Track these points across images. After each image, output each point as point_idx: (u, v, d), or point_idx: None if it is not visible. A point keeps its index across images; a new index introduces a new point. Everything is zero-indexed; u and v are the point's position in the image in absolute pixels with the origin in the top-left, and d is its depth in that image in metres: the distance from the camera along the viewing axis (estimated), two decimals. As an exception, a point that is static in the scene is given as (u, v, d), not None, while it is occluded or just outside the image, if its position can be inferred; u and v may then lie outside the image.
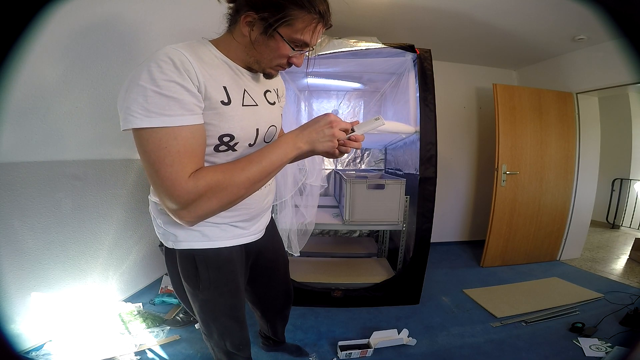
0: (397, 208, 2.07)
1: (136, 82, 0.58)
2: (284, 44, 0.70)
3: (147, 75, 0.58)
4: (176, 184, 0.59)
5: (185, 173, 0.60)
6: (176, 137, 0.60)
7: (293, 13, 0.66)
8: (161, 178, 0.60)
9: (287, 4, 0.65)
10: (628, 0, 0.56)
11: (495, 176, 2.78)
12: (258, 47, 0.71)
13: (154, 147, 0.59)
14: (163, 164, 0.59)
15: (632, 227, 4.35)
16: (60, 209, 1.57)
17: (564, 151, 2.93)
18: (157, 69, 0.59)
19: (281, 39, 0.68)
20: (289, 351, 1.58)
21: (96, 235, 1.80)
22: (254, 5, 0.66)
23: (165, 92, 0.59)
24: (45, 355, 1.44)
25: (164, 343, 1.61)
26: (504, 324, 1.88)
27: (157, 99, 0.58)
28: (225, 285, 0.83)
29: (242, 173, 0.65)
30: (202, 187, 0.61)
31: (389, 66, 2.26)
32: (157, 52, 0.62)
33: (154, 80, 0.58)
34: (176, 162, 0.59)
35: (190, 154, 0.62)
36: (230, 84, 0.72)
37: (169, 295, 2.08)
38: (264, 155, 0.68)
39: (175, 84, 0.60)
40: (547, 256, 3.04)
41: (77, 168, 1.64)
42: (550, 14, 2.24)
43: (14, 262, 1.36)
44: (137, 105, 0.57)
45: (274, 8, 0.65)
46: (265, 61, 0.74)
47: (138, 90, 0.58)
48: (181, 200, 0.60)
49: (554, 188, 2.93)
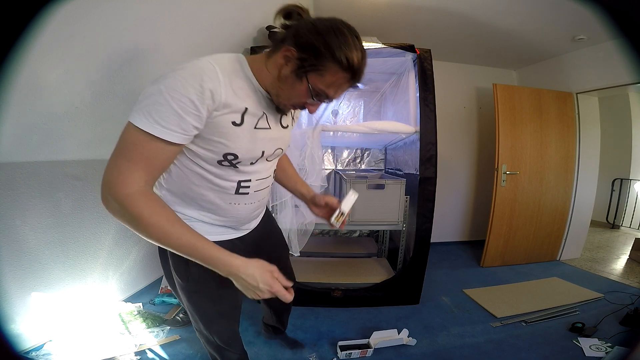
0: (397, 208, 2.07)
1: (161, 82, 0.62)
2: (307, 90, 0.71)
3: (172, 81, 0.62)
4: (120, 179, 0.61)
5: (135, 177, 0.62)
6: (152, 146, 0.62)
7: (328, 65, 0.68)
8: (116, 166, 0.62)
9: (327, 56, 0.67)
10: (628, 0, 0.56)
11: (495, 176, 2.78)
12: (283, 83, 0.72)
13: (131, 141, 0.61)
14: (125, 157, 0.62)
15: (632, 227, 4.35)
16: (60, 209, 1.56)
17: (564, 151, 2.93)
18: (183, 79, 0.62)
19: (307, 84, 0.70)
20: (287, 342, 1.61)
21: (96, 235, 1.80)
22: (298, 43, 0.68)
23: (174, 105, 0.61)
24: (45, 355, 1.44)
25: (164, 343, 1.61)
26: (504, 324, 1.88)
27: (163, 108, 0.61)
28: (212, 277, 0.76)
29: (161, 231, 0.65)
30: (128, 203, 0.62)
31: (389, 66, 2.26)
32: (201, 61, 0.65)
33: (174, 89, 0.61)
34: (135, 163, 0.62)
35: (151, 165, 0.63)
36: (251, 107, 0.74)
37: (169, 295, 2.08)
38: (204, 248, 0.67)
39: (189, 100, 0.62)
40: (547, 256, 3.04)
41: (77, 168, 1.63)
42: (550, 14, 2.24)
43: (14, 262, 1.36)
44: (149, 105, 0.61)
45: (314, 53, 0.67)
46: (283, 98, 0.75)
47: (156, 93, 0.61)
48: (111, 190, 0.62)
49: (554, 188, 2.93)
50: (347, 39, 0.67)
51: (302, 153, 2.04)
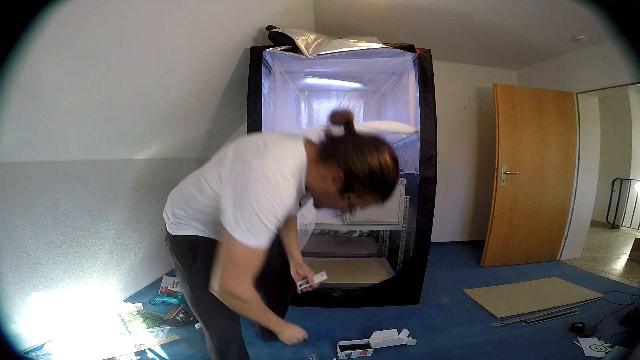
0: (397, 208, 2.07)
1: (256, 207, 0.74)
2: (345, 204, 0.83)
3: (262, 200, 0.74)
4: (238, 283, 0.79)
5: (249, 282, 0.80)
6: (256, 258, 0.78)
7: (370, 194, 0.80)
8: (233, 272, 0.79)
9: (374, 188, 0.79)
10: (628, 0, 0.56)
11: (495, 176, 2.78)
12: (326, 195, 0.84)
13: (240, 256, 0.77)
14: (240, 268, 0.78)
15: (632, 227, 4.35)
16: (60, 209, 1.56)
17: (564, 151, 2.93)
18: (271, 200, 0.74)
19: (347, 200, 0.82)
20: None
21: (96, 235, 1.80)
22: (348, 171, 0.77)
23: (266, 221, 0.75)
24: (45, 355, 1.44)
25: (164, 343, 1.61)
26: (504, 324, 1.88)
27: (258, 224, 0.74)
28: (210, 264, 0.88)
29: (258, 314, 0.89)
30: (249, 302, 0.83)
31: (389, 66, 2.26)
32: (284, 176, 0.76)
33: (266, 209, 0.74)
34: (246, 272, 0.79)
35: (255, 270, 0.80)
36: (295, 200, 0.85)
37: (169, 295, 2.08)
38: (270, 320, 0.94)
39: (275, 218, 0.76)
40: (547, 256, 3.04)
41: (77, 168, 1.64)
42: (550, 14, 2.24)
43: (14, 262, 1.36)
44: (247, 225, 0.74)
45: (363, 185, 0.78)
46: (324, 204, 0.89)
47: (249, 209, 0.74)
48: (238, 296, 0.81)
49: (554, 188, 2.93)
50: (391, 175, 0.79)
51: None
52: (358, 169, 0.76)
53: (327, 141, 0.84)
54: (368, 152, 0.77)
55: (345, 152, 0.78)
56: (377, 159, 0.77)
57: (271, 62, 2.09)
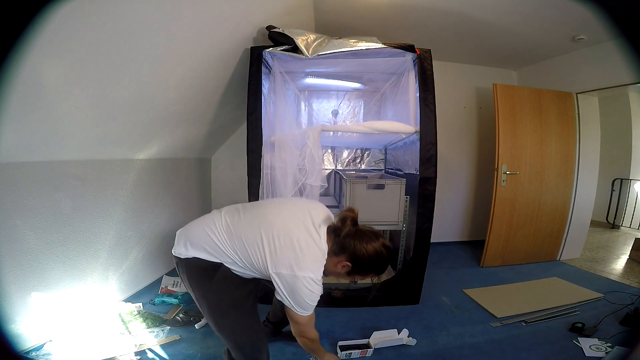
0: (397, 208, 2.07)
1: (302, 296, 1.06)
2: (352, 280, 1.20)
3: (307, 295, 1.07)
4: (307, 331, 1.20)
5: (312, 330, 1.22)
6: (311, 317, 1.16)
7: (370, 274, 1.17)
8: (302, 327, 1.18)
9: (372, 269, 1.15)
10: (628, 0, 0.56)
11: (495, 176, 2.78)
12: (337, 274, 1.17)
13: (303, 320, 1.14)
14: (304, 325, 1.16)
15: (632, 227, 4.35)
16: (60, 209, 1.56)
17: (564, 151, 2.93)
18: (313, 294, 1.08)
19: (353, 278, 1.19)
20: (287, 338, 1.62)
21: (96, 235, 1.80)
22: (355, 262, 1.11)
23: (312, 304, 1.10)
24: (45, 355, 1.44)
25: (164, 343, 1.61)
26: (504, 324, 1.88)
27: (308, 306, 1.10)
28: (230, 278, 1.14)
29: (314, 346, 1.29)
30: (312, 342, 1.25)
31: (389, 66, 2.26)
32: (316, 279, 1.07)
33: (310, 299, 1.09)
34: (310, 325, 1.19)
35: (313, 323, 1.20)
36: None
37: (169, 295, 2.08)
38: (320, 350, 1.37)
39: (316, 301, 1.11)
40: (547, 256, 3.04)
41: (77, 168, 1.64)
42: (550, 13, 2.24)
43: (14, 262, 1.36)
44: (299, 306, 1.09)
45: (365, 270, 1.15)
46: (333, 276, 1.19)
47: (301, 301, 1.08)
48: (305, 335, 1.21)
49: (554, 188, 2.93)
50: (384, 260, 1.13)
51: (302, 153, 2.04)
52: (361, 259, 1.10)
53: (340, 238, 1.11)
54: (368, 244, 1.09)
55: (353, 246, 1.09)
56: (375, 249, 1.10)
57: (271, 62, 2.09)
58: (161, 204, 2.34)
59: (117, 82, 1.44)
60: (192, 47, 1.72)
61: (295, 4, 2.23)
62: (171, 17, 1.43)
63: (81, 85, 1.31)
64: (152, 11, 1.30)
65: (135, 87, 1.56)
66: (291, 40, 1.92)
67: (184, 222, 1.25)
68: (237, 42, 2.04)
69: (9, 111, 1.07)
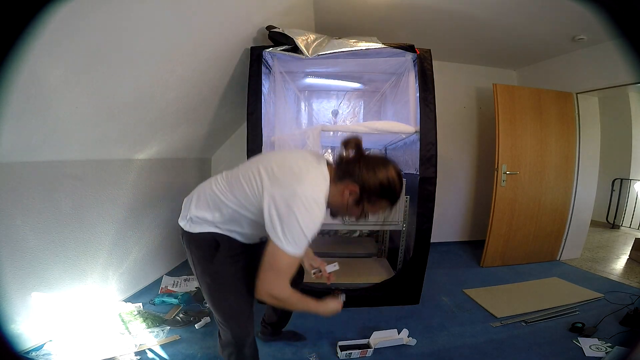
0: (397, 208, 2.07)
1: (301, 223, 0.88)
2: (361, 211, 1.01)
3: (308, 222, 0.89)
4: (284, 290, 0.96)
5: (286, 283, 0.96)
6: (295, 264, 0.94)
7: (382, 202, 0.99)
8: (278, 281, 0.94)
9: (384, 197, 0.98)
10: (628, 0, 0.56)
11: (495, 176, 2.78)
12: (344, 206, 1.00)
13: (285, 265, 0.91)
14: (284, 276, 0.94)
15: (632, 227, 4.35)
16: (60, 209, 1.56)
17: (564, 151, 2.93)
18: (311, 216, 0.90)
19: (362, 208, 1.00)
20: (287, 338, 1.64)
21: (96, 235, 1.80)
22: (362, 185, 0.96)
23: (307, 234, 0.90)
24: (45, 355, 1.44)
25: (164, 343, 1.61)
26: (504, 324, 1.88)
27: (301, 238, 0.89)
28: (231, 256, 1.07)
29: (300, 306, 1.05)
30: (289, 299, 0.99)
31: (389, 66, 2.26)
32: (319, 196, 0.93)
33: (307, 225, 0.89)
34: (287, 276, 0.94)
35: (293, 273, 0.95)
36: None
37: (169, 295, 2.08)
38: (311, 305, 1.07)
39: (312, 233, 0.91)
40: (547, 256, 3.04)
41: (77, 168, 1.64)
42: (550, 14, 2.24)
43: (14, 262, 1.36)
44: (292, 238, 0.89)
45: (375, 195, 0.97)
46: (341, 213, 1.05)
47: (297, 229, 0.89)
48: (277, 296, 0.96)
49: (554, 188, 2.93)
50: (398, 189, 0.99)
51: (302, 153, 2.03)
52: (370, 183, 0.95)
53: (343, 163, 1.01)
54: (377, 169, 0.96)
55: (359, 170, 0.96)
56: (385, 174, 0.96)
57: (271, 62, 2.09)
58: (161, 204, 2.34)
59: (117, 82, 1.44)
60: (192, 47, 1.72)
61: (295, 4, 2.23)
62: (171, 17, 1.43)
63: (81, 85, 1.31)
64: (152, 11, 1.30)
65: (135, 87, 1.56)
66: (291, 40, 1.92)
67: (184, 222, 1.25)
68: (237, 42, 2.04)
69: (9, 111, 1.07)
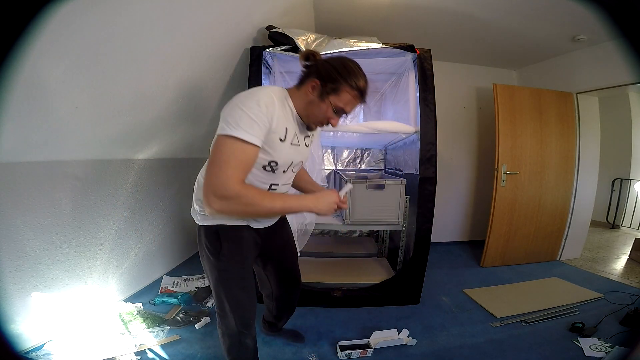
0: (397, 208, 2.07)
1: (240, 106, 0.86)
2: (330, 108, 0.98)
3: (249, 103, 0.87)
4: (229, 182, 0.83)
5: (237, 178, 0.85)
6: (244, 151, 0.86)
7: (343, 88, 0.95)
8: (221, 173, 0.83)
9: (342, 81, 0.95)
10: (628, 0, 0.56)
11: (495, 176, 2.78)
12: (312, 106, 0.99)
13: (228, 151, 0.84)
14: (228, 164, 0.84)
15: (632, 227, 4.35)
16: (60, 209, 1.56)
17: (564, 151, 2.93)
18: (255, 102, 0.87)
19: (329, 103, 0.97)
20: (286, 336, 1.65)
21: (96, 235, 1.80)
22: (320, 76, 0.96)
23: (254, 117, 0.86)
24: (45, 355, 1.44)
25: (164, 343, 1.61)
26: (504, 324, 1.88)
27: (247, 120, 0.85)
28: (237, 255, 1.06)
29: (269, 203, 0.91)
30: (242, 194, 0.85)
31: (389, 66, 2.26)
32: (263, 90, 0.93)
33: (251, 109, 0.86)
34: (236, 168, 0.85)
35: (245, 167, 0.88)
36: (289, 127, 0.99)
37: (169, 295, 2.08)
38: (290, 202, 0.99)
39: (261, 114, 0.87)
40: (547, 256, 3.04)
41: (77, 168, 1.64)
42: (551, 13, 2.24)
43: (14, 262, 1.36)
44: (233, 120, 0.84)
45: (332, 81, 0.95)
46: (313, 118, 1.01)
47: (239, 112, 0.85)
48: (224, 193, 0.83)
49: (554, 188, 2.93)
50: (354, 70, 0.96)
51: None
52: (326, 69, 0.95)
53: (301, 73, 1.03)
54: (331, 60, 0.98)
55: (316, 66, 0.98)
56: (340, 60, 0.98)
57: (271, 62, 2.09)
58: (161, 204, 2.34)
59: (117, 82, 1.44)
60: (192, 47, 1.72)
61: (295, 4, 2.23)
62: (171, 17, 1.43)
63: (81, 85, 1.31)
64: (152, 11, 1.30)
65: (135, 87, 1.56)
66: (291, 40, 1.92)
67: (184, 223, 1.26)
68: (237, 42, 2.04)
69: (9, 111, 1.07)
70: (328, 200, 1.01)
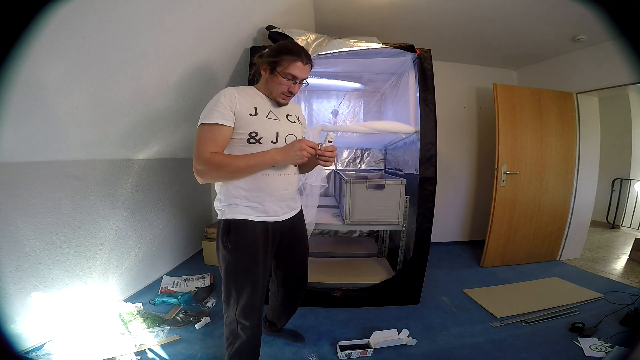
0: (397, 208, 2.07)
1: (208, 105, 1.10)
2: (281, 77, 1.14)
3: (212, 101, 1.11)
4: (201, 154, 1.06)
5: (209, 149, 1.06)
6: (212, 130, 1.07)
7: (282, 57, 1.12)
8: (197, 150, 1.07)
9: (278, 54, 1.13)
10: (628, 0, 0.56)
11: (495, 176, 2.78)
12: (269, 83, 1.18)
13: (200, 134, 1.08)
14: (200, 143, 1.07)
15: (632, 227, 4.35)
16: (60, 209, 1.57)
17: (564, 151, 2.92)
18: (216, 98, 1.10)
19: (279, 74, 1.13)
20: (286, 336, 1.65)
21: (96, 235, 1.80)
22: (266, 59, 1.15)
23: (214, 107, 1.08)
24: (45, 355, 1.44)
25: (164, 343, 1.61)
26: (504, 324, 1.88)
27: (209, 111, 1.09)
28: (246, 248, 1.14)
29: (236, 162, 1.08)
30: (213, 160, 1.06)
31: (389, 66, 2.26)
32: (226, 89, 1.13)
33: (212, 103, 1.10)
34: (206, 143, 1.07)
35: (214, 141, 1.08)
36: (259, 106, 1.16)
37: (169, 295, 2.08)
38: (253, 158, 1.10)
39: (222, 105, 1.08)
40: (547, 256, 3.04)
41: (77, 168, 1.64)
42: (550, 14, 2.24)
43: (14, 262, 1.36)
44: (203, 115, 1.09)
45: (272, 57, 1.14)
46: (274, 91, 1.17)
47: (206, 109, 1.10)
48: (199, 162, 1.06)
49: (554, 188, 2.93)
50: (286, 44, 1.17)
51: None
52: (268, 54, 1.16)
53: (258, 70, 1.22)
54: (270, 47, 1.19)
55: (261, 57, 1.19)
56: (276, 44, 1.21)
57: (271, 62, 2.09)
58: (161, 204, 2.34)
59: (117, 82, 1.44)
60: (192, 47, 1.72)
61: (295, 4, 2.23)
62: (171, 18, 1.43)
63: (81, 85, 1.31)
64: (152, 11, 1.30)
65: (135, 87, 1.56)
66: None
67: (184, 223, 1.26)
68: (237, 42, 2.04)
69: (9, 111, 1.07)
70: (294, 148, 1.10)
